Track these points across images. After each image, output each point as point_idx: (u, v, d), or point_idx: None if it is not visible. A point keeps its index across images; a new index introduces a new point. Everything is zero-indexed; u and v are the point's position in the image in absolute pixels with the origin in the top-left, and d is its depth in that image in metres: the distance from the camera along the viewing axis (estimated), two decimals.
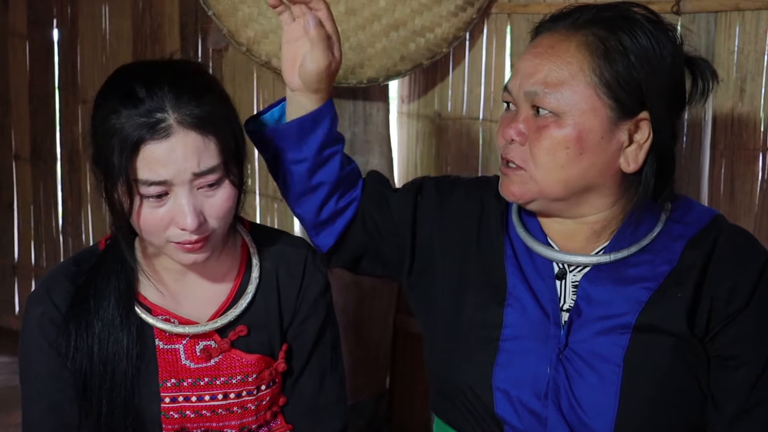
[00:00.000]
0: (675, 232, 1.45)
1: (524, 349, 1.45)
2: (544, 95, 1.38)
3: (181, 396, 1.57)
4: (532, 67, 1.41)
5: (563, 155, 1.38)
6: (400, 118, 3.00)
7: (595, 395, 1.39)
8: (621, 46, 1.37)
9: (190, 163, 1.41)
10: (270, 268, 1.64)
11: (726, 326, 1.39)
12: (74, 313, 1.53)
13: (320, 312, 1.68)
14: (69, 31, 3.44)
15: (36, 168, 3.65)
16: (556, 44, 1.40)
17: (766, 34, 2.34)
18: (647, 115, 1.39)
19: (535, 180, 1.41)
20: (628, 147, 1.40)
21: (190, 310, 1.58)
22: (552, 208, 1.47)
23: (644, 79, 1.37)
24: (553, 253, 1.48)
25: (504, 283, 1.50)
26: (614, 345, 1.40)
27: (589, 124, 1.37)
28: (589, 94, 1.37)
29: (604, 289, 1.43)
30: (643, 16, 1.40)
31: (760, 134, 2.39)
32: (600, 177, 1.41)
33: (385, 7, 2.52)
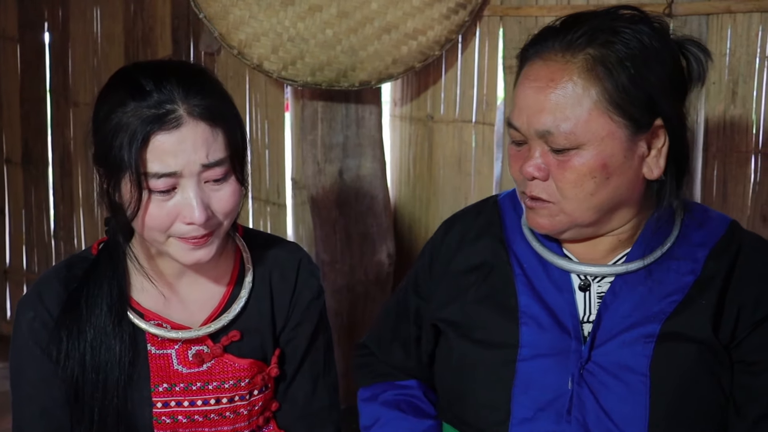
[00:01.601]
0: (695, 239, 1.44)
1: (543, 368, 1.43)
2: (558, 132, 1.34)
3: (173, 401, 1.56)
4: (537, 104, 1.35)
5: (591, 184, 1.35)
6: (393, 121, 3.00)
7: (625, 406, 1.38)
8: (619, 60, 1.33)
9: (200, 154, 1.41)
10: (263, 273, 1.64)
11: (751, 333, 1.39)
12: (66, 319, 1.52)
13: (313, 317, 1.67)
14: (60, 35, 3.43)
15: (27, 172, 3.63)
16: (556, 75, 1.35)
17: (758, 36, 2.35)
18: (661, 121, 1.36)
19: (565, 212, 1.38)
20: (649, 156, 1.38)
21: (182, 315, 1.57)
22: (584, 234, 1.44)
23: (648, 84, 1.34)
24: (573, 265, 1.45)
25: (516, 303, 1.46)
26: (639, 355, 1.38)
27: (609, 149, 1.34)
28: (603, 120, 1.33)
29: (629, 300, 1.42)
30: (626, 18, 1.37)
31: (752, 136, 2.39)
32: (629, 192, 1.39)
33: (378, 10, 2.51)
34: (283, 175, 3.08)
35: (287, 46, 2.53)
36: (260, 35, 2.52)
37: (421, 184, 2.91)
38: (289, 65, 2.55)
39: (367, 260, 2.84)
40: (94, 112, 1.46)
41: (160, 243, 1.47)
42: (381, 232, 2.85)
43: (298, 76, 2.56)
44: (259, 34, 2.52)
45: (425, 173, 2.89)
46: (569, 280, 1.46)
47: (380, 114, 2.82)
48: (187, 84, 1.42)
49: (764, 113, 2.38)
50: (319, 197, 2.81)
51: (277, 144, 3.07)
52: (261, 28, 2.52)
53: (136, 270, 1.57)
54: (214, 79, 1.51)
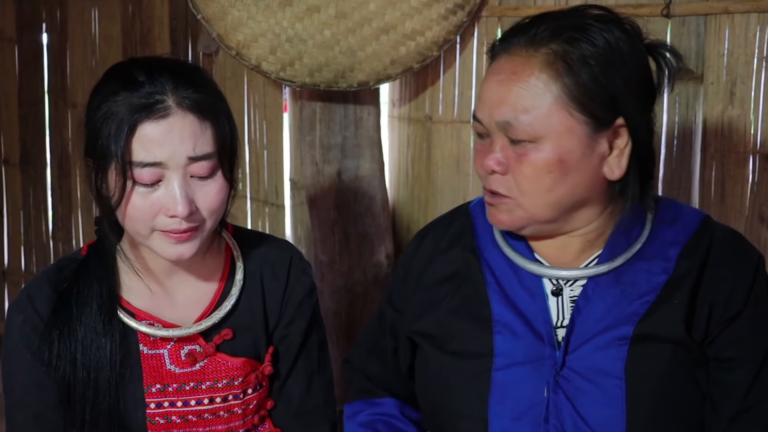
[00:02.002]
0: (667, 238, 1.44)
1: (519, 377, 1.42)
2: (517, 124, 1.35)
3: (166, 401, 1.56)
4: (498, 96, 1.37)
5: (548, 179, 1.36)
6: (391, 122, 3.00)
7: (602, 411, 1.38)
8: (582, 57, 1.33)
9: (186, 146, 1.41)
10: (254, 270, 1.64)
11: (724, 329, 1.39)
12: (56, 319, 1.52)
13: (306, 314, 1.67)
14: (58, 36, 3.42)
15: (25, 173, 3.63)
16: (519, 68, 1.36)
17: (756, 36, 2.35)
18: (623, 120, 1.36)
19: (523, 207, 1.39)
20: (610, 155, 1.38)
21: (174, 314, 1.57)
22: (544, 230, 1.44)
23: (612, 84, 1.34)
24: (544, 269, 1.45)
25: (489, 312, 1.46)
26: (613, 358, 1.38)
27: (567, 144, 1.35)
28: (563, 115, 1.34)
29: (601, 303, 1.41)
30: (595, 17, 1.37)
31: (750, 137, 2.39)
32: (588, 191, 1.39)
33: (376, 10, 2.51)
34: (281, 175, 3.08)
35: (285, 47, 2.53)
36: (258, 36, 2.52)
37: (420, 185, 2.91)
38: (288, 66, 2.55)
39: (366, 261, 2.83)
40: (87, 103, 1.47)
41: (144, 237, 1.46)
42: (379, 233, 2.85)
43: (297, 77, 2.56)
44: (258, 35, 2.52)
45: (424, 174, 2.89)
46: (541, 285, 1.46)
47: (378, 115, 2.82)
48: (179, 77, 1.43)
49: (762, 114, 2.38)
50: (318, 198, 2.81)
51: (276, 145, 3.07)
52: (259, 28, 2.52)
53: (127, 270, 1.56)
54: (207, 76, 1.52)
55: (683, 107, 2.46)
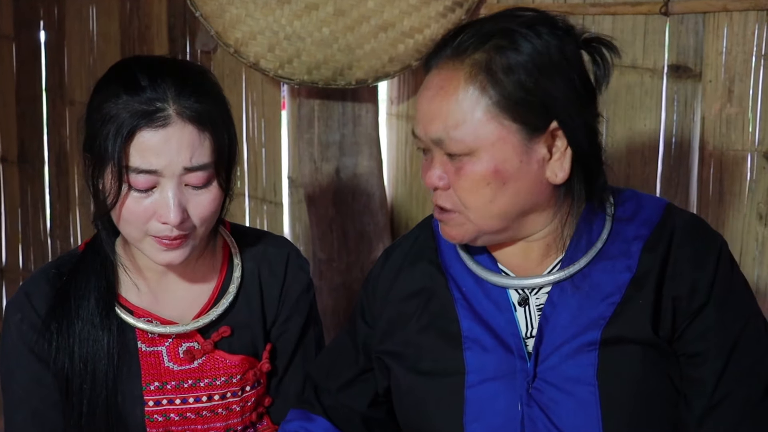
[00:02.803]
0: (629, 234, 1.41)
1: (492, 393, 1.40)
2: (449, 140, 1.33)
3: (164, 399, 1.56)
4: (429, 113, 1.36)
5: (487, 191, 1.34)
6: (390, 120, 2.99)
7: (577, 420, 1.35)
8: (508, 66, 1.31)
9: (183, 157, 1.41)
10: (252, 267, 1.64)
11: (690, 324, 1.36)
12: (55, 313, 1.52)
13: (303, 310, 1.67)
14: (56, 33, 3.42)
15: (23, 171, 3.62)
16: (445, 83, 1.34)
17: (754, 35, 2.34)
18: (557, 124, 1.34)
19: (470, 220, 1.37)
20: (551, 159, 1.36)
21: (171, 311, 1.57)
22: (497, 239, 1.42)
23: (541, 90, 1.32)
24: (508, 280, 1.43)
25: (458, 329, 1.44)
26: (584, 365, 1.36)
27: (501, 154, 1.32)
28: (493, 125, 1.32)
29: (567, 309, 1.39)
30: (522, 21, 1.35)
31: (748, 135, 2.39)
32: (533, 197, 1.37)
33: (374, 8, 2.51)
34: (279, 173, 3.08)
35: (284, 45, 2.53)
36: (256, 34, 2.52)
37: (418, 182, 2.90)
38: (286, 64, 2.55)
39: (364, 258, 2.83)
40: (89, 99, 1.47)
41: (136, 240, 1.47)
42: (378, 231, 2.85)
43: (295, 75, 2.56)
44: (256, 33, 2.52)
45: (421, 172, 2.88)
46: (507, 296, 1.44)
47: (377, 112, 2.82)
48: (182, 84, 1.42)
49: (761, 112, 2.38)
50: (316, 195, 2.81)
51: (274, 142, 3.06)
52: (257, 26, 2.51)
53: (125, 267, 1.56)
54: (212, 81, 1.51)
55: (681, 105, 2.46)
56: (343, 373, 1.60)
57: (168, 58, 1.53)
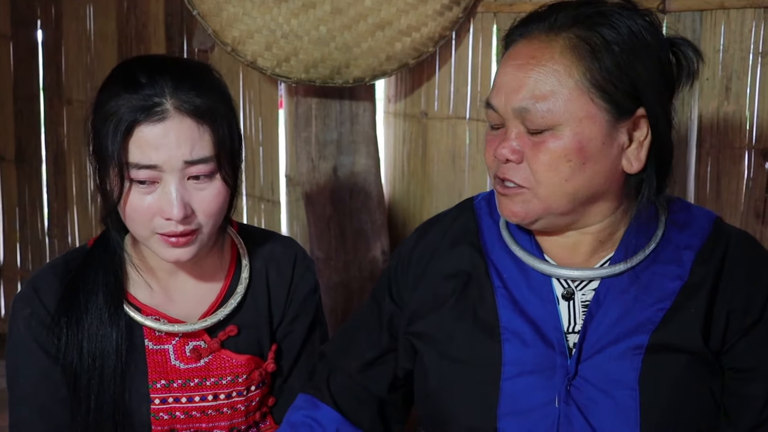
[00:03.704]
0: (680, 242, 1.39)
1: (529, 387, 1.36)
2: (535, 111, 1.29)
3: (170, 397, 1.56)
4: (516, 81, 1.31)
5: (566, 168, 1.30)
6: (387, 118, 3.00)
7: (615, 423, 1.32)
8: (605, 42, 1.29)
9: (183, 150, 1.41)
10: (260, 268, 1.64)
11: (741, 338, 1.34)
12: (64, 308, 1.52)
13: (309, 311, 1.67)
14: (53, 32, 3.42)
15: (21, 170, 3.62)
16: (538, 53, 1.31)
17: (751, 32, 2.35)
18: (644, 111, 1.32)
19: (539, 198, 1.32)
20: (629, 147, 1.33)
21: (179, 310, 1.57)
22: (558, 224, 1.37)
23: (634, 72, 1.30)
24: (555, 268, 1.38)
25: (496, 319, 1.39)
26: (627, 368, 1.32)
27: (588, 132, 1.29)
28: (584, 100, 1.29)
29: (614, 308, 1.35)
30: (616, 5, 1.33)
31: (745, 133, 2.40)
32: (606, 183, 1.33)
33: (371, 6, 2.51)
34: (277, 172, 3.08)
35: (281, 43, 2.53)
36: (254, 32, 2.52)
37: (416, 181, 2.91)
38: (283, 62, 2.55)
39: (362, 257, 2.84)
40: (94, 101, 1.48)
41: (144, 238, 1.47)
42: (375, 229, 2.85)
43: (292, 73, 2.56)
44: (253, 31, 2.52)
45: (419, 170, 2.89)
46: (551, 288, 1.40)
47: (374, 111, 2.82)
48: (180, 79, 1.43)
49: (758, 109, 2.39)
50: (314, 194, 2.81)
51: (271, 141, 3.07)
52: (254, 25, 2.51)
53: (133, 266, 1.57)
54: (213, 77, 1.51)
55: (678, 103, 2.44)
56: (363, 353, 1.55)
57: (169, 57, 1.53)
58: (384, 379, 1.55)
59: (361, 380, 1.55)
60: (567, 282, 1.40)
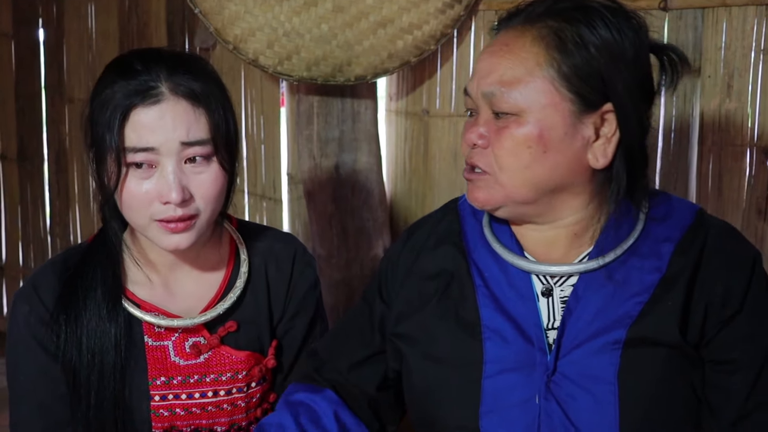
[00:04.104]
0: (660, 235, 1.39)
1: (510, 384, 1.37)
2: (501, 95, 1.32)
3: (170, 394, 1.56)
4: (488, 67, 1.35)
5: (526, 155, 1.32)
6: (389, 116, 3.00)
7: (594, 418, 1.32)
8: (578, 38, 1.31)
9: (179, 132, 1.42)
10: (259, 263, 1.64)
11: (721, 330, 1.34)
12: (63, 304, 1.53)
13: (310, 307, 1.68)
14: (55, 31, 3.42)
15: (23, 168, 3.63)
16: (511, 41, 1.34)
17: (753, 29, 2.35)
18: (611, 106, 1.33)
19: (501, 184, 1.35)
20: (596, 142, 1.34)
21: (178, 306, 1.58)
22: (522, 213, 1.40)
23: (605, 70, 1.31)
24: (533, 264, 1.40)
25: (478, 318, 1.41)
26: (606, 363, 1.33)
27: (550, 120, 1.31)
28: (548, 89, 1.31)
29: (592, 303, 1.36)
30: (602, 5, 1.34)
31: (747, 130, 2.40)
32: (569, 175, 1.35)
33: (373, 4, 2.51)
34: (278, 170, 3.08)
35: (282, 41, 2.53)
36: (255, 30, 2.52)
37: (417, 179, 2.91)
38: (285, 60, 2.55)
39: (364, 254, 2.84)
40: (91, 95, 1.49)
41: (143, 227, 1.47)
42: (377, 227, 2.85)
43: (294, 71, 2.56)
44: (255, 29, 2.52)
45: (421, 167, 2.89)
46: (531, 285, 1.40)
47: (376, 109, 2.82)
48: (175, 65, 1.45)
49: (759, 107, 2.39)
50: (315, 192, 2.81)
51: (273, 139, 3.07)
52: (256, 23, 2.51)
53: (132, 262, 1.57)
54: (206, 65, 1.53)
55: (680, 100, 2.46)
56: (354, 352, 1.57)
57: (164, 48, 1.54)
58: (373, 379, 1.56)
59: (350, 378, 1.56)
60: (546, 278, 1.41)
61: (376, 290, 1.59)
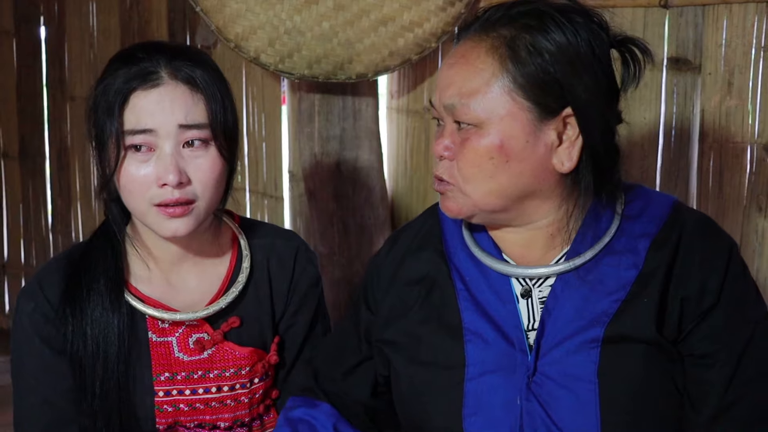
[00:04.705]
0: (636, 231, 1.39)
1: (491, 386, 1.38)
2: (461, 107, 1.33)
3: (174, 390, 1.57)
4: (447, 79, 1.36)
5: (489, 166, 1.33)
6: (390, 114, 3.00)
7: (575, 417, 1.33)
8: (531, 46, 1.31)
9: (177, 115, 1.45)
10: (261, 259, 1.65)
11: (698, 325, 1.35)
12: (68, 297, 1.54)
13: (312, 304, 1.69)
14: (56, 29, 3.42)
15: (24, 166, 3.63)
16: (468, 52, 1.34)
17: (754, 26, 2.35)
18: (571, 111, 1.33)
19: (466, 194, 1.36)
20: (560, 146, 1.34)
21: (182, 302, 1.58)
22: (495, 219, 1.41)
23: (562, 75, 1.31)
24: (511, 268, 1.41)
25: (459, 321, 1.42)
26: (585, 361, 1.34)
27: (509, 130, 1.32)
28: (505, 99, 1.31)
29: (570, 303, 1.37)
30: (555, 8, 1.34)
31: (748, 127, 2.40)
32: (535, 181, 1.35)
33: (374, 2, 2.52)
34: (280, 167, 3.08)
35: (284, 39, 2.54)
36: (257, 28, 2.52)
37: (418, 176, 2.91)
38: (286, 58, 2.55)
39: (365, 252, 2.84)
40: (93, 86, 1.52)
41: (142, 213, 1.49)
42: (378, 224, 2.85)
43: (295, 69, 2.57)
44: (256, 27, 2.52)
45: (422, 165, 2.89)
46: (511, 288, 1.42)
47: (377, 106, 2.83)
48: (176, 54, 1.48)
49: (760, 104, 2.39)
50: (317, 190, 2.81)
51: (274, 137, 3.07)
52: (257, 21, 2.52)
53: (135, 258, 1.58)
54: (207, 57, 1.56)
55: (681, 98, 2.46)
56: (345, 360, 1.59)
57: (166, 41, 1.57)
58: (365, 385, 1.58)
59: (343, 386, 1.58)
60: (525, 280, 1.42)
61: (362, 298, 1.60)
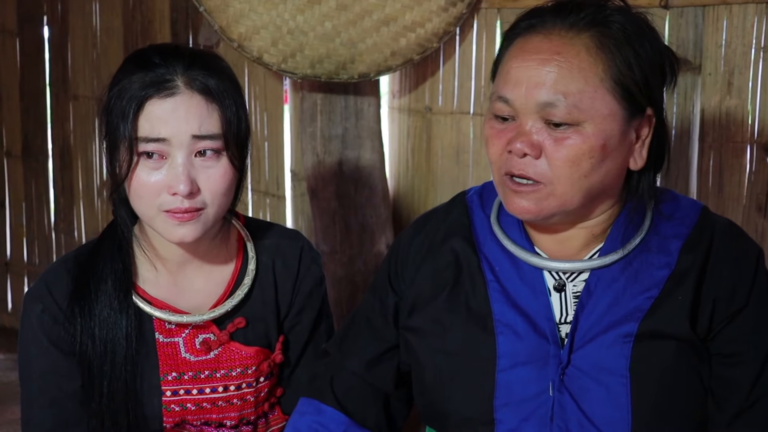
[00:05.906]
0: (668, 231, 1.41)
1: (524, 377, 1.39)
2: (561, 106, 1.30)
3: (182, 389, 1.58)
4: (539, 76, 1.31)
5: (587, 164, 1.31)
6: (391, 113, 3.01)
7: (607, 410, 1.35)
8: (623, 41, 1.32)
9: (191, 125, 1.45)
10: (266, 261, 1.66)
11: (727, 325, 1.38)
12: (76, 298, 1.55)
13: (316, 303, 1.70)
14: (59, 28, 3.43)
15: (27, 165, 3.64)
16: (562, 49, 1.31)
17: (753, 27, 2.36)
18: (652, 111, 1.36)
19: (556, 194, 1.33)
20: (635, 144, 1.36)
21: (188, 303, 1.59)
22: (566, 219, 1.39)
23: (648, 71, 1.34)
24: (547, 262, 1.41)
25: (490, 312, 1.42)
26: (618, 356, 1.36)
27: (610, 129, 1.31)
28: (608, 98, 1.31)
29: (604, 298, 1.38)
30: (618, 9, 1.36)
31: (747, 127, 2.41)
32: (615, 179, 1.37)
33: (376, 2, 2.53)
34: (282, 167, 3.10)
35: (287, 39, 2.55)
36: (260, 28, 2.54)
37: (420, 176, 2.92)
38: (289, 58, 2.56)
39: (367, 251, 2.85)
40: (108, 86, 1.52)
41: (150, 218, 1.49)
42: (380, 223, 2.86)
43: (298, 69, 2.58)
44: (259, 27, 2.54)
45: (423, 164, 2.90)
46: (543, 280, 1.42)
47: (379, 106, 2.84)
48: (192, 61, 1.48)
49: (760, 104, 2.40)
50: (319, 188, 2.82)
51: (277, 136, 3.08)
52: (260, 20, 2.53)
53: (143, 260, 1.59)
54: (223, 63, 1.55)
55: (681, 97, 2.48)
56: (368, 350, 1.56)
57: (182, 45, 1.57)
58: (390, 375, 1.56)
59: (367, 377, 1.56)
60: (558, 274, 1.42)
61: (386, 282, 1.58)
